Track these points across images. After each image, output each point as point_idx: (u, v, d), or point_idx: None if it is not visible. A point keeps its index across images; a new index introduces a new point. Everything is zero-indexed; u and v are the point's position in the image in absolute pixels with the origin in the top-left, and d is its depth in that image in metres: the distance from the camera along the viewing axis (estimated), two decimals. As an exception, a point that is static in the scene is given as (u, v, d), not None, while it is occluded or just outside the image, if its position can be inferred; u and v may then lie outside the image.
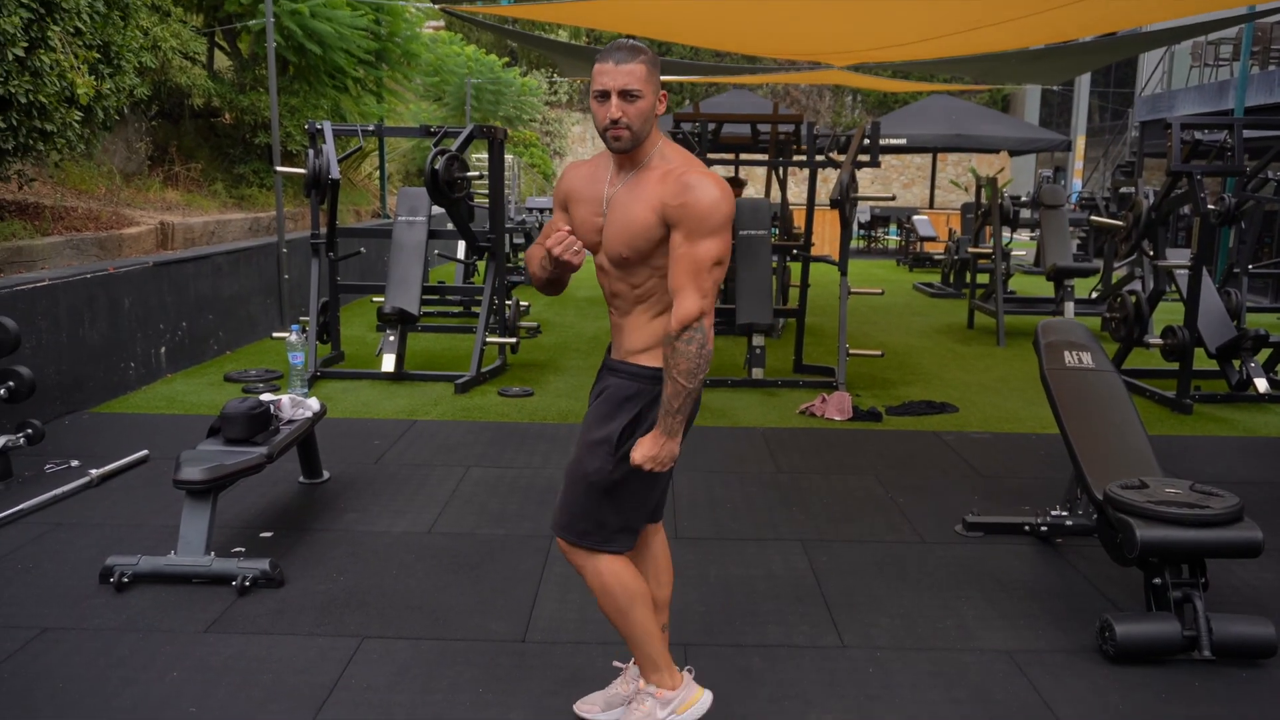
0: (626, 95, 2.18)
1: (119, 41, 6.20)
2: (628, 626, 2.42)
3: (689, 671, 2.57)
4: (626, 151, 2.24)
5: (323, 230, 6.99)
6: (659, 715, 2.45)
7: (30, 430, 4.46)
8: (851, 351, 6.77)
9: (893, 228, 19.22)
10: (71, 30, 5.64)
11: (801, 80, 14.27)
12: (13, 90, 5.19)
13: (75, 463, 4.56)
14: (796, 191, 19.30)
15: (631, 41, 2.23)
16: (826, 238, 15.87)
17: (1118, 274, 9.86)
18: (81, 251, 6.30)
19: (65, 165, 7.49)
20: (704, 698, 2.52)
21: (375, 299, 7.70)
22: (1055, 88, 23.89)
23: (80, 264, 6.16)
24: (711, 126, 8.19)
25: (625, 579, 2.38)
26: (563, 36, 22.35)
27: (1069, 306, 8.89)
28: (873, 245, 19.00)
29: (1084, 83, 23.72)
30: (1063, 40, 8.71)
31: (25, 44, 5.21)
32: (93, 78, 5.86)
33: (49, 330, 5.27)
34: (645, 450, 2.24)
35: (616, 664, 2.68)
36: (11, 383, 4.40)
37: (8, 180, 6.48)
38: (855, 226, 17.90)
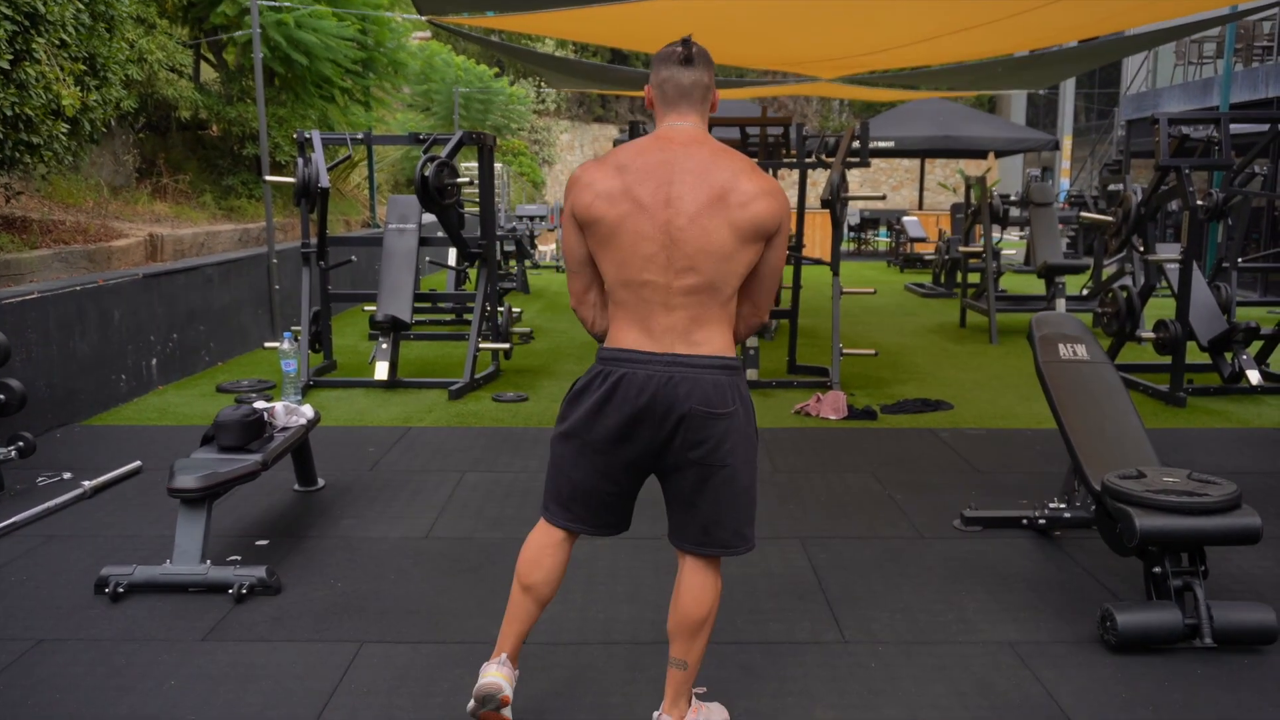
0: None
1: (105, 53, 6.18)
2: (707, 640, 2.41)
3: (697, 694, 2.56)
4: None
5: (313, 239, 6.97)
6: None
7: (22, 443, 4.43)
8: (845, 351, 6.77)
9: (883, 230, 19.27)
10: (57, 42, 5.61)
11: (789, 93, 14.35)
12: (-2, 103, 5.17)
13: (68, 475, 4.53)
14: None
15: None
16: (817, 240, 15.90)
17: (1108, 270, 9.90)
18: (70, 264, 6.27)
19: (52, 178, 7.45)
20: None
21: (367, 308, 7.68)
22: (1041, 91, 24.02)
23: (69, 276, 6.13)
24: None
25: None
26: (548, 47, 22.38)
27: (1060, 303, 8.92)
28: (863, 247, 19.04)
29: (1069, 84, 23.85)
30: (1046, 45, 8.74)
31: (10, 56, 5.19)
32: (79, 90, 5.83)
33: (39, 343, 5.24)
34: None
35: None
36: (2, 396, 4.36)
37: (-5, 194, 6.45)
38: (845, 229, 17.97)
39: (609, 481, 2.36)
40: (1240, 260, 7.82)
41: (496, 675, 2.39)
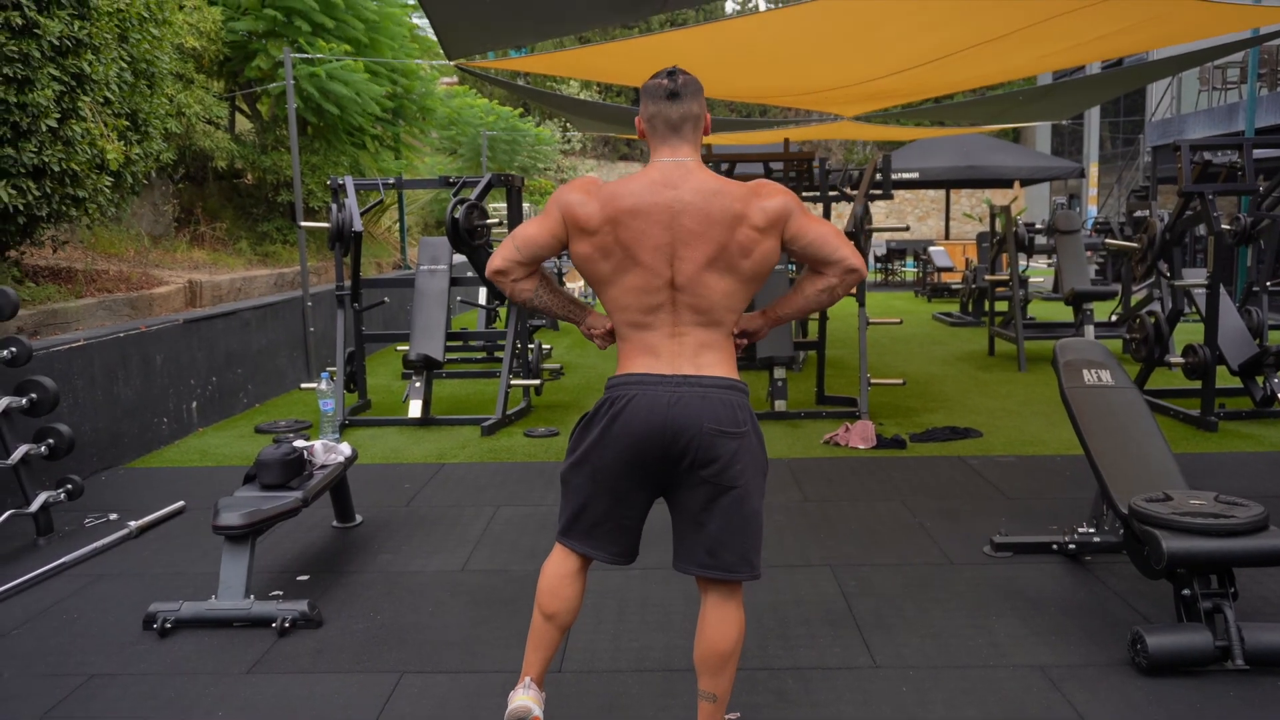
0: None
1: (146, 109, 6.40)
2: (734, 672, 2.43)
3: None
4: None
5: (347, 282, 7.14)
6: None
7: (70, 486, 4.56)
8: (873, 381, 6.80)
9: (909, 260, 19.29)
10: (101, 100, 5.83)
11: (813, 135, 14.46)
12: (46, 159, 5.37)
13: (114, 516, 4.66)
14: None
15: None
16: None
17: (1136, 297, 9.87)
18: (114, 312, 6.46)
19: (95, 229, 7.69)
20: None
21: (400, 347, 7.82)
22: (1065, 121, 24.02)
23: (113, 324, 6.31)
24: (725, 166, 8.31)
25: None
26: (572, 89, 22.73)
27: (1089, 330, 8.90)
28: (890, 278, 19.06)
29: (1094, 112, 23.84)
30: (1068, 67, 8.79)
31: (58, 115, 5.39)
32: (122, 144, 6.05)
33: (85, 389, 5.40)
34: (755, 324, 2.51)
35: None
36: (51, 440, 4.51)
37: (41, 246, 6.67)
38: (872, 259, 18.01)
39: (624, 505, 2.39)
40: (1270, 284, 7.79)
41: (524, 699, 2.44)
